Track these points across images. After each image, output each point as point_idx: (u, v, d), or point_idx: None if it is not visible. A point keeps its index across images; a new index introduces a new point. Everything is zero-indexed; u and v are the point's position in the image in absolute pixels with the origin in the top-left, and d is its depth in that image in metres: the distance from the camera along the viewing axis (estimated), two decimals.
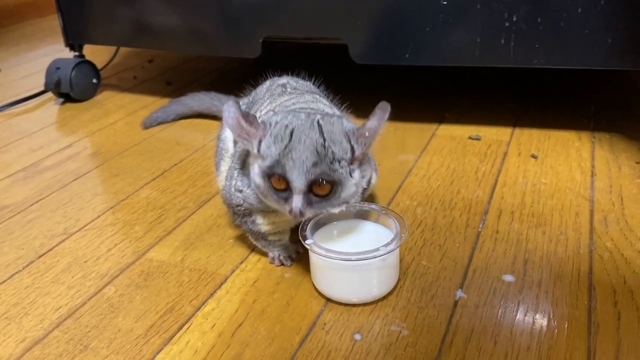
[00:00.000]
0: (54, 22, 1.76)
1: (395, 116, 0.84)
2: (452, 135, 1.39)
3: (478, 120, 1.46)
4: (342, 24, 1.34)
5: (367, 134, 0.78)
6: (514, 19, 1.22)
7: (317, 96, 0.95)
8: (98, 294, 0.91)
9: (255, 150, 0.78)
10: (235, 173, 0.90)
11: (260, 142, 0.78)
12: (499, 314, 0.81)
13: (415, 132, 1.42)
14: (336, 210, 0.81)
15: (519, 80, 1.77)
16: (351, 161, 0.78)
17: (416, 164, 1.26)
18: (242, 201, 0.89)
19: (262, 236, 0.93)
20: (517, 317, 0.81)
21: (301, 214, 0.77)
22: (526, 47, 1.23)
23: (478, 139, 1.37)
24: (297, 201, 0.77)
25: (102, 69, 1.86)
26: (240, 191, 0.88)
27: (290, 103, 0.90)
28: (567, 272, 0.89)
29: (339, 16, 1.34)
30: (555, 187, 1.14)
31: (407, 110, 1.49)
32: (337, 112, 0.90)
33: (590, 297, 0.84)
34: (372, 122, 0.78)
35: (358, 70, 1.72)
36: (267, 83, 1.01)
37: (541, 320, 0.80)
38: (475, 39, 1.26)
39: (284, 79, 1.00)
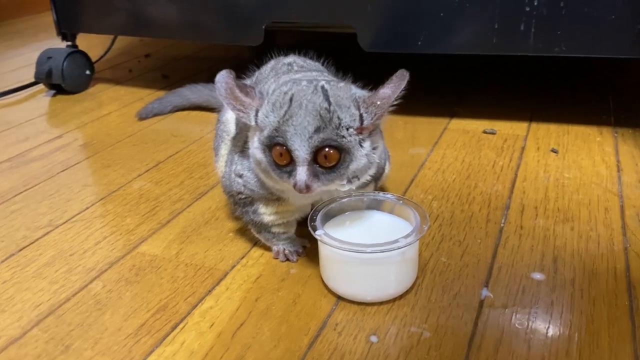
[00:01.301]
0: (48, 18, 1.68)
1: (404, 109, 0.76)
2: (465, 129, 1.31)
3: (491, 114, 1.38)
4: (351, 9, 1.26)
5: (378, 102, 0.70)
6: (535, 4, 1.14)
7: (325, 74, 0.87)
8: (84, 289, 0.82)
9: (253, 122, 0.71)
10: (236, 157, 0.83)
11: (257, 112, 0.70)
12: (531, 314, 0.73)
13: (425, 125, 1.34)
14: (346, 187, 0.73)
15: (532, 73, 1.69)
16: (359, 131, 0.70)
17: (429, 157, 1.18)
18: (242, 187, 0.82)
19: (265, 228, 0.85)
20: (552, 318, 0.72)
21: (307, 187, 0.68)
22: (547, 34, 1.16)
23: (493, 133, 1.29)
24: (301, 173, 0.68)
25: (96, 61, 1.78)
26: (241, 175, 0.81)
27: (297, 77, 0.82)
28: (602, 270, 0.81)
29: (347, 1, 1.26)
30: (580, 182, 1.06)
31: (416, 103, 1.40)
32: None
33: (630, 297, 0.75)
34: (385, 89, 0.71)
35: (364, 61, 1.65)
36: (272, 62, 0.93)
37: (579, 322, 0.71)
38: (493, 25, 1.18)
39: (290, 58, 0.92)
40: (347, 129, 0.69)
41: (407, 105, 0.77)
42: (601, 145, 1.21)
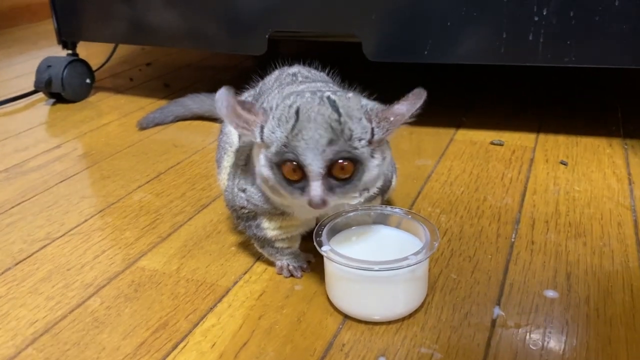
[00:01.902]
0: (49, 26, 1.66)
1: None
2: (472, 140, 1.29)
3: (499, 125, 1.36)
4: (356, 18, 1.24)
5: (392, 118, 0.68)
6: (544, 13, 1.12)
7: (331, 84, 0.85)
8: (81, 306, 0.79)
9: (258, 139, 0.68)
10: (238, 171, 0.80)
11: (262, 128, 0.67)
12: (546, 335, 0.70)
13: (431, 136, 1.32)
14: (356, 200, 0.71)
15: (540, 83, 1.67)
16: (370, 142, 0.67)
17: (435, 169, 1.16)
18: (245, 202, 0.79)
19: (268, 242, 0.82)
20: (567, 338, 0.70)
21: (323, 202, 0.66)
22: (557, 44, 1.13)
23: (501, 144, 1.26)
24: (316, 188, 0.65)
25: (97, 70, 1.76)
26: (244, 190, 0.78)
27: (299, 90, 0.79)
28: (617, 288, 0.78)
29: (352, 10, 1.24)
30: (591, 195, 1.03)
31: (421, 113, 1.38)
32: None
33: None
34: (401, 106, 0.68)
35: (368, 71, 1.63)
36: (276, 73, 0.91)
37: (596, 344, 0.68)
38: (501, 34, 1.16)
39: (294, 68, 0.90)
40: (359, 141, 0.66)
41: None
42: (611, 157, 1.18)
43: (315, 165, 0.65)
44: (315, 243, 0.74)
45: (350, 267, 0.70)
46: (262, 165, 0.69)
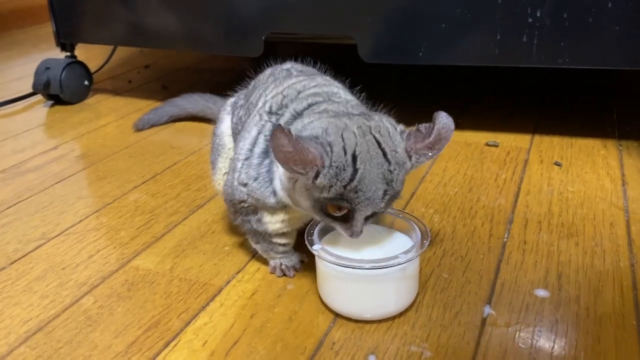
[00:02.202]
0: (49, 29, 1.67)
1: (404, 121, 0.75)
2: (467, 142, 1.29)
3: (494, 126, 1.36)
4: (351, 20, 1.25)
5: (430, 153, 0.69)
6: (538, 15, 1.12)
7: (327, 77, 0.85)
8: (74, 304, 0.80)
9: (310, 182, 0.65)
10: (239, 165, 0.77)
11: (317, 173, 0.65)
12: (535, 333, 0.71)
13: None
14: None
15: (536, 85, 1.68)
16: None
17: (430, 170, 1.16)
18: (246, 196, 0.77)
19: (265, 238, 0.81)
20: (557, 337, 0.70)
21: (360, 232, 0.69)
22: (550, 45, 1.14)
23: (496, 145, 1.27)
24: (359, 225, 0.68)
25: (95, 72, 1.77)
26: (245, 185, 0.76)
27: (301, 86, 0.79)
28: (608, 287, 0.79)
29: (347, 12, 1.25)
30: (584, 196, 1.03)
31: (416, 114, 1.39)
32: (351, 98, 0.80)
33: (638, 317, 0.73)
34: (437, 138, 0.69)
35: (364, 73, 1.63)
36: (269, 70, 0.91)
37: (585, 342, 0.69)
38: (495, 36, 1.16)
39: (287, 64, 0.90)
40: (402, 182, 0.69)
41: (407, 117, 0.75)
42: (605, 159, 1.18)
43: (366, 212, 0.67)
44: (306, 242, 0.74)
45: (341, 265, 0.70)
46: (300, 194, 0.69)
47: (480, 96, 1.62)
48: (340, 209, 0.67)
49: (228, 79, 1.88)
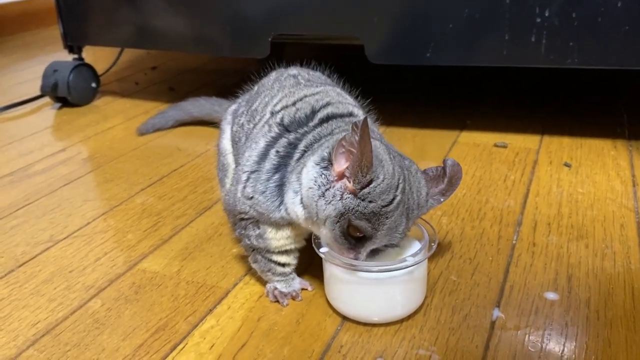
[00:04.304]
0: (56, 31, 1.67)
1: (412, 122, 0.74)
2: (475, 143, 1.29)
3: (503, 127, 1.35)
4: (358, 21, 1.24)
5: (442, 199, 0.74)
6: (546, 14, 1.11)
7: (338, 89, 0.84)
8: (82, 307, 0.80)
9: (353, 185, 0.65)
10: (244, 177, 0.74)
11: (370, 181, 0.64)
12: (545, 336, 0.70)
13: (435, 138, 1.31)
14: None
15: (544, 85, 1.67)
16: None
17: None
18: (248, 208, 0.74)
19: (265, 255, 0.78)
20: (567, 340, 0.69)
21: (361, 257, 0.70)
22: (559, 46, 1.13)
23: (504, 146, 1.26)
24: (365, 253, 0.69)
25: (103, 74, 1.77)
26: (250, 198, 0.74)
27: (314, 100, 0.77)
28: (618, 290, 0.78)
29: (354, 12, 1.24)
30: (594, 197, 1.03)
31: (425, 116, 1.39)
32: (362, 114, 0.80)
33: None
34: (448, 193, 0.74)
35: (371, 74, 1.63)
36: (274, 74, 0.91)
37: (596, 345, 0.68)
38: (503, 36, 1.16)
39: (293, 70, 0.89)
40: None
41: (415, 118, 0.74)
42: (616, 159, 1.17)
43: (380, 242, 0.68)
44: (313, 245, 0.74)
45: (348, 268, 0.70)
46: (327, 202, 0.67)
47: (488, 97, 1.61)
48: (360, 232, 0.67)
49: (235, 80, 1.88)
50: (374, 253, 0.70)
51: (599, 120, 1.37)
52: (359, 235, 0.67)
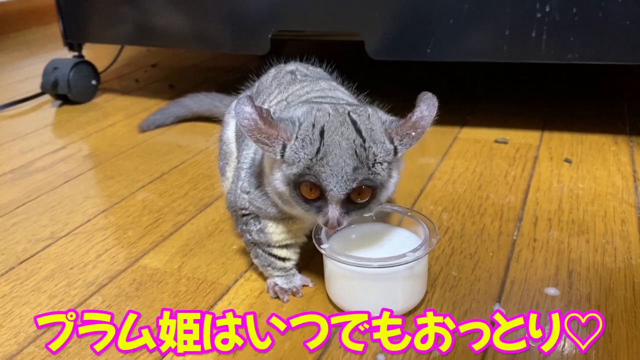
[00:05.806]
0: (57, 29, 1.67)
1: None
2: (476, 139, 1.28)
3: (503, 123, 1.35)
4: (358, 17, 1.24)
5: (413, 133, 0.66)
6: (547, 9, 1.11)
7: (333, 83, 0.85)
8: (83, 304, 0.80)
9: (279, 156, 0.65)
10: (242, 173, 0.77)
11: (284, 146, 0.64)
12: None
13: (435, 134, 1.31)
14: (369, 214, 0.70)
15: (545, 80, 1.66)
16: (389, 163, 0.66)
17: (438, 167, 1.15)
18: (247, 204, 0.76)
19: (264, 250, 0.79)
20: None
21: (338, 223, 0.66)
22: (560, 41, 1.13)
23: (505, 142, 1.26)
24: (333, 211, 0.65)
25: (103, 71, 1.77)
26: (247, 192, 0.76)
27: (303, 92, 0.79)
28: (619, 285, 0.78)
29: (355, 8, 1.24)
30: (595, 193, 1.02)
31: None
32: (355, 102, 0.79)
33: None
34: (420, 119, 0.66)
35: (370, 70, 1.63)
36: (273, 71, 0.91)
37: (596, 341, 0.68)
38: (504, 31, 1.15)
39: (292, 66, 0.89)
40: (381, 164, 0.65)
41: None
42: (616, 155, 1.17)
43: (337, 192, 0.64)
44: (314, 241, 0.74)
45: (349, 264, 0.70)
46: (277, 179, 0.67)
47: (489, 93, 1.60)
48: (313, 190, 0.65)
49: (235, 77, 1.88)
50: (350, 211, 0.67)
51: (600, 116, 1.37)
52: (316, 196, 0.65)
